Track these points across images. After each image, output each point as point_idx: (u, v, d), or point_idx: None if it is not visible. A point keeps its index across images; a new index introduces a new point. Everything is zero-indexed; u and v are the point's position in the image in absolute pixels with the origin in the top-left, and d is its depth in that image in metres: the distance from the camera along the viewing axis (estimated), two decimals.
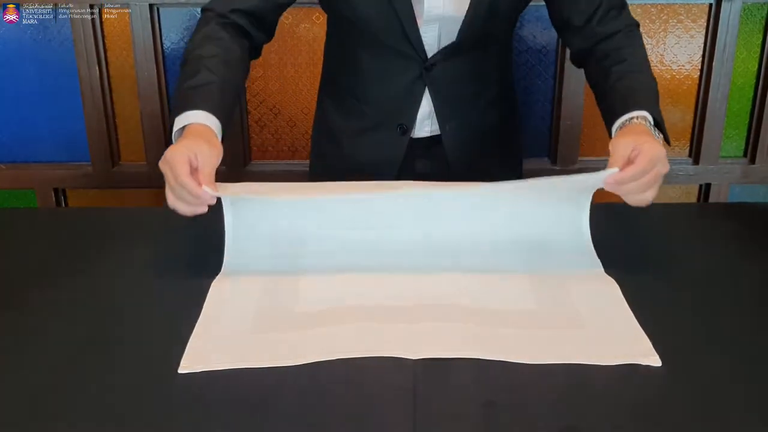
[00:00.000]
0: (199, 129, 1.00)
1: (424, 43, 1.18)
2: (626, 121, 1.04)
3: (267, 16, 1.18)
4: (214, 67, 1.07)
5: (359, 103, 1.29)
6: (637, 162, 0.94)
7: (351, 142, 1.33)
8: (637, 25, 1.20)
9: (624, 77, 1.10)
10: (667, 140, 1.05)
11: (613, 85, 1.11)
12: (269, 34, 1.21)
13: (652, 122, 1.04)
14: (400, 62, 1.21)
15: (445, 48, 1.19)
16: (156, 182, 2.01)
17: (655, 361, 0.81)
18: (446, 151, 1.29)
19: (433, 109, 1.26)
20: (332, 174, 1.39)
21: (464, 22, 1.15)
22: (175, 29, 1.91)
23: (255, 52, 1.20)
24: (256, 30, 1.17)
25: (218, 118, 1.02)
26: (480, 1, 1.13)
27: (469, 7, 1.14)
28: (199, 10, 1.85)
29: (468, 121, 1.29)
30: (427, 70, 1.22)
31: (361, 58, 1.25)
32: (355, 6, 1.16)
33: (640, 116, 1.04)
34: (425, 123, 1.28)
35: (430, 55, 1.20)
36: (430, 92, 1.24)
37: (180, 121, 1.01)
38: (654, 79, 1.12)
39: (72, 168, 2.02)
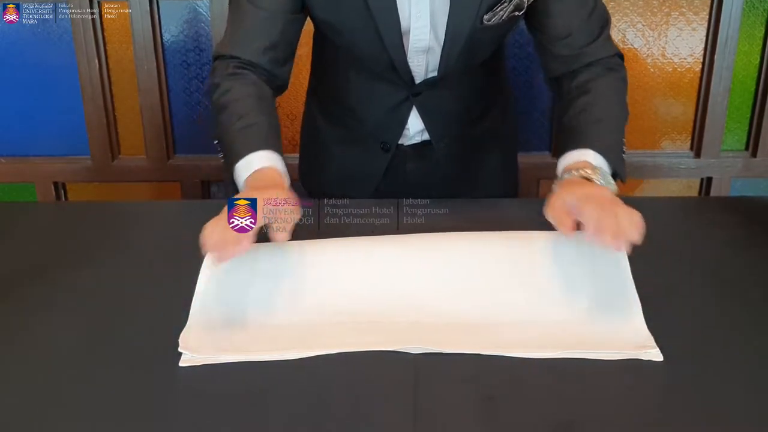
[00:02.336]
0: (270, 174, 0.97)
1: (412, 72, 1.16)
2: (567, 169, 0.97)
3: (288, 46, 1.12)
4: (255, 106, 1.04)
5: (344, 114, 1.27)
6: (586, 212, 0.87)
7: (335, 147, 1.32)
8: (618, 54, 1.13)
9: (585, 110, 1.04)
10: (622, 177, 1.01)
11: (571, 116, 1.05)
12: (290, 66, 1.15)
13: (600, 161, 0.98)
14: (387, 85, 1.19)
15: (431, 78, 1.17)
16: (155, 176, 2.02)
17: (656, 355, 0.81)
18: (440, 159, 1.29)
19: (424, 127, 1.25)
20: (319, 174, 1.38)
21: (442, 57, 1.12)
22: (174, 22, 1.90)
23: (279, 90, 1.15)
24: (279, 66, 1.11)
25: (279, 155, 1.00)
26: (456, 36, 1.09)
27: (444, 42, 1.10)
28: (198, 3, 1.87)
29: (461, 134, 1.28)
30: (415, 96, 1.20)
31: (348, 75, 1.23)
32: (345, 35, 1.13)
33: (581, 163, 0.97)
34: (416, 136, 1.27)
35: (417, 81, 1.18)
36: (418, 112, 1.23)
37: (244, 166, 0.98)
38: (622, 111, 1.07)
39: (72, 162, 2.02)
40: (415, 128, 1.25)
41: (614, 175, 1.01)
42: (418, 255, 0.98)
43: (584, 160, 0.99)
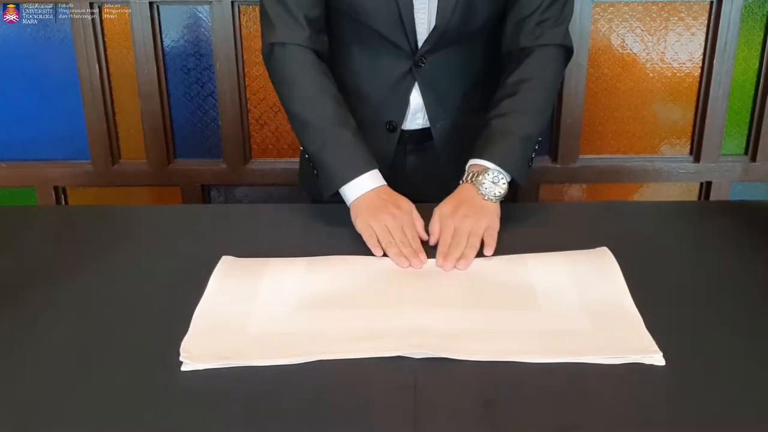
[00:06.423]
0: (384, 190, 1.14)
1: (416, 26, 1.19)
2: (464, 174, 1.15)
3: (320, 21, 1.22)
4: (334, 117, 1.16)
5: (348, 98, 1.28)
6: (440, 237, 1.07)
7: None
8: (569, 49, 1.23)
9: (502, 116, 1.16)
10: (520, 184, 1.15)
11: (489, 120, 1.17)
12: (326, 36, 1.24)
13: (497, 170, 1.12)
14: (391, 56, 1.22)
15: (432, 36, 1.19)
16: (155, 180, 2.02)
17: (658, 360, 0.81)
18: (436, 147, 1.30)
19: (423, 104, 1.27)
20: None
21: (439, 4, 1.17)
22: (175, 27, 1.91)
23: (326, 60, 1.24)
24: (323, 40, 1.22)
25: (375, 165, 1.15)
26: None
27: None
28: (198, 8, 1.87)
29: (458, 121, 1.30)
30: (417, 66, 1.22)
31: (351, 52, 1.26)
32: None
33: (480, 168, 1.13)
34: (417, 116, 1.29)
35: (420, 44, 1.20)
36: (420, 88, 1.25)
37: (356, 188, 1.13)
38: (536, 119, 1.18)
39: (72, 166, 2.02)
40: (416, 102, 1.27)
41: (513, 182, 1.15)
42: (422, 270, 1.00)
43: (483, 166, 1.14)
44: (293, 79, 1.18)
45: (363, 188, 1.13)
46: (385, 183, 1.15)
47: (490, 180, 1.11)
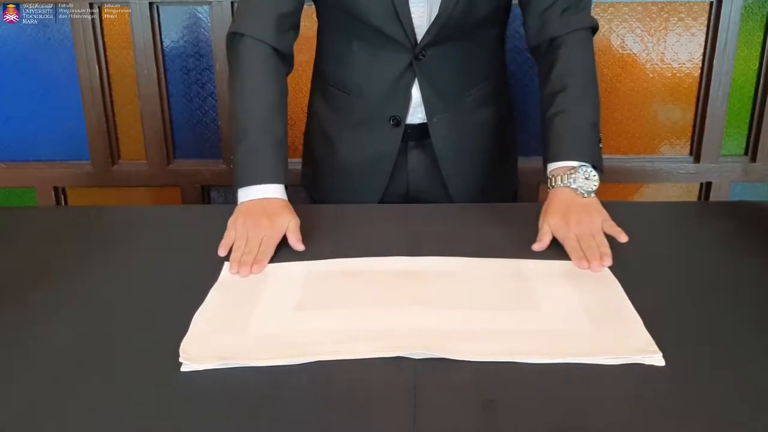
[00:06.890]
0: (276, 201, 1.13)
1: (414, 22, 1.18)
2: (553, 179, 1.14)
3: (294, 16, 1.22)
4: (261, 120, 1.15)
5: (351, 96, 1.29)
6: (566, 245, 1.07)
7: (344, 140, 1.32)
8: (594, 28, 1.23)
9: (564, 112, 1.16)
10: (601, 168, 1.16)
11: (552, 118, 1.17)
12: (297, 34, 1.24)
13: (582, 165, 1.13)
14: (391, 51, 1.22)
15: (433, 27, 1.19)
16: (155, 181, 2.02)
17: (658, 360, 0.81)
18: (433, 143, 1.29)
19: (422, 97, 1.27)
20: (325, 179, 1.39)
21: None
22: (174, 28, 1.91)
23: (291, 59, 1.24)
24: (289, 37, 1.21)
25: (280, 180, 1.14)
26: None
27: None
28: (198, 8, 1.87)
29: (455, 115, 1.30)
30: (417, 59, 1.22)
31: (351, 48, 1.25)
32: None
33: (566, 170, 1.13)
34: (417, 110, 1.29)
35: (419, 37, 1.20)
36: (419, 82, 1.25)
37: (250, 193, 1.13)
38: (593, 105, 1.19)
39: (72, 166, 2.02)
40: (417, 96, 1.27)
41: (594, 167, 1.14)
42: (422, 272, 1.00)
43: (569, 166, 1.14)
44: (239, 72, 1.18)
45: (255, 195, 1.13)
46: (284, 198, 1.14)
47: (582, 177, 1.12)
